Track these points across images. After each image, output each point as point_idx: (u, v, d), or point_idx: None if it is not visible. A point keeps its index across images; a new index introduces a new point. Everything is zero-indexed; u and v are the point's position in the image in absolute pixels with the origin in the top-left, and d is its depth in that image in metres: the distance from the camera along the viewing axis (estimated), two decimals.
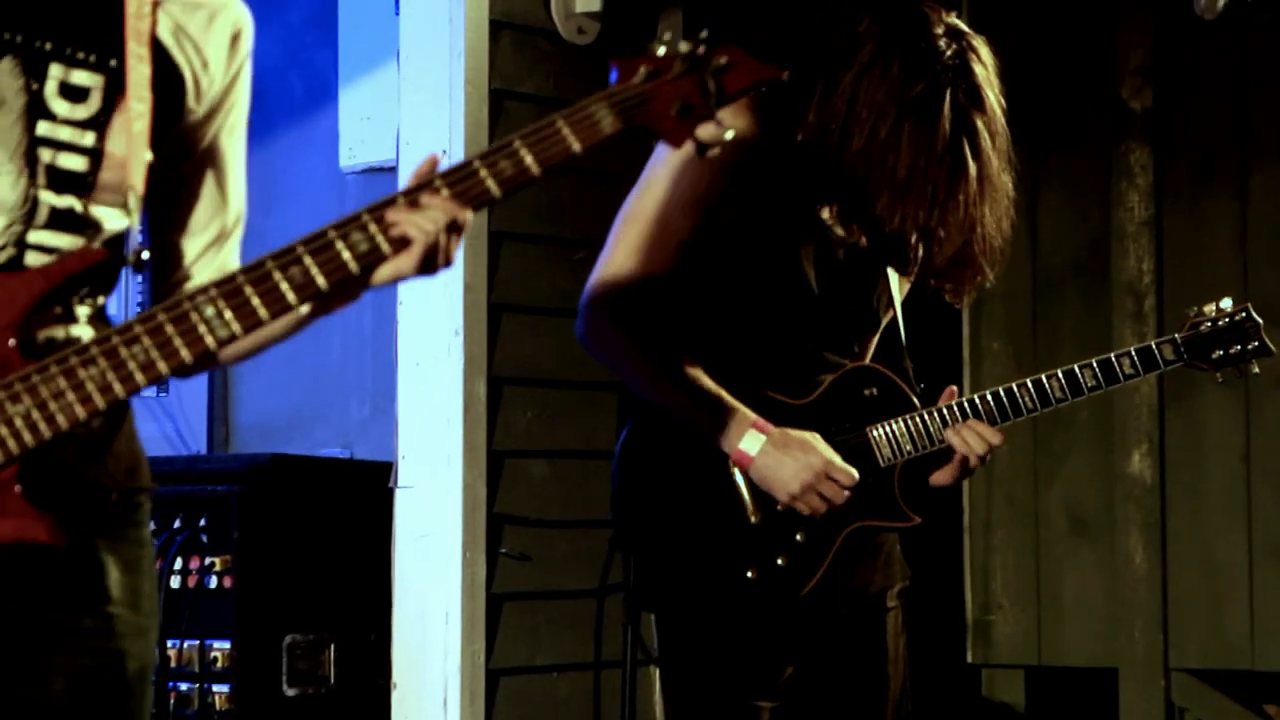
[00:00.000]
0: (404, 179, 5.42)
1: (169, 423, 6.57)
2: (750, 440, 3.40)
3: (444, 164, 2.50)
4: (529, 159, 2.41)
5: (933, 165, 3.42)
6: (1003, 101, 3.51)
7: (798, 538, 3.45)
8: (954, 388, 3.60)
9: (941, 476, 3.59)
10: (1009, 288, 6.17)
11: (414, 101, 5.43)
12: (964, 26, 3.52)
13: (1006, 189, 3.52)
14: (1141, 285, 6.12)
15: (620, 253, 3.47)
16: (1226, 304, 3.63)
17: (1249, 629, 5.99)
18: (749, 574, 3.43)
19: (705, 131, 2.41)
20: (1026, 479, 6.26)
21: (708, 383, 3.42)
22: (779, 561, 3.44)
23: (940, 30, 3.47)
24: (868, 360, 3.65)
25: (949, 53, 3.45)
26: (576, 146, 2.42)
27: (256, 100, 7.09)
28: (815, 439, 3.43)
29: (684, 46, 2.44)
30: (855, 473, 3.43)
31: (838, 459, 3.43)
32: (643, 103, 2.42)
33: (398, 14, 5.49)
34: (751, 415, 3.41)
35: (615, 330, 3.45)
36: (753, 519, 3.45)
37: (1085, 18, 6.28)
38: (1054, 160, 6.22)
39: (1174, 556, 6.07)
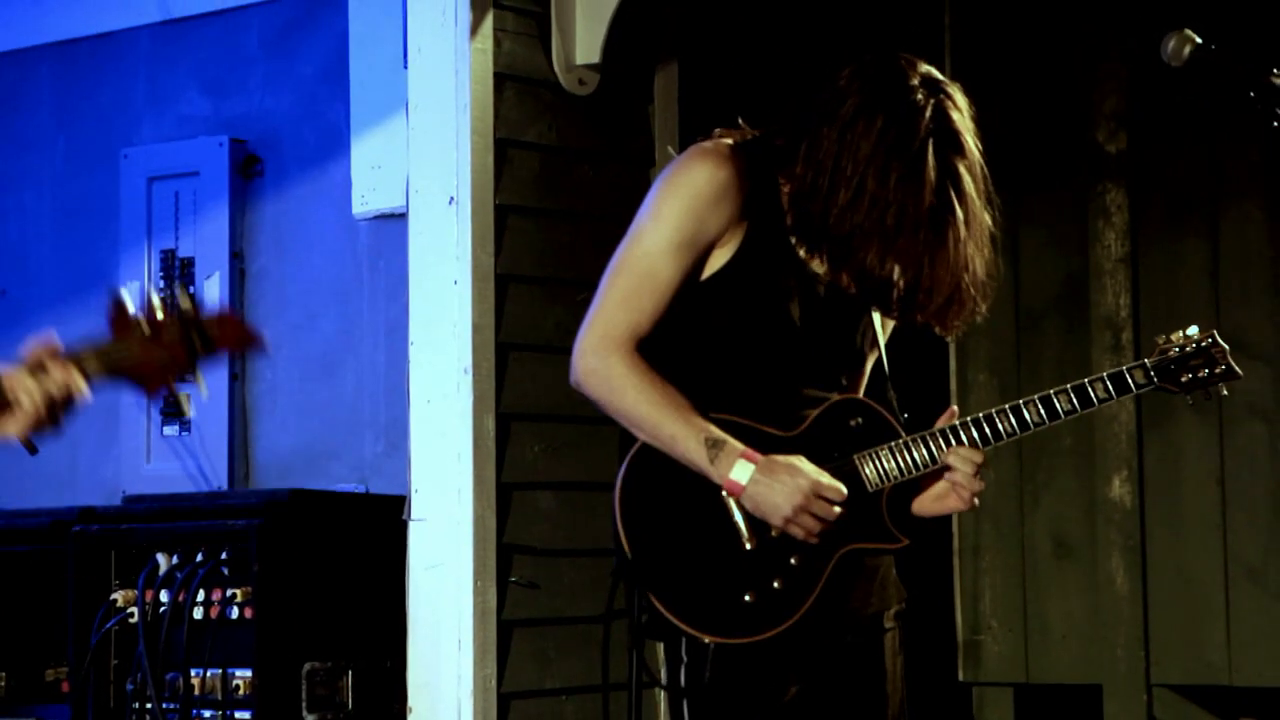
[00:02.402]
0: (413, 225, 5.44)
1: (191, 460, 6.55)
2: (740, 469, 3.41)
3: (453, 210, 2.54)
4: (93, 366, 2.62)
5: (921, 213, 3.41)
6: (979, 143, 3.51)
7: (792, 562, 3.44)
8: (954, 409, 3.60)
9: (925, 505, 3.58)
10: (992, 323, 6.15)
11: (422, 150, 5.43)
12: (938, 74, 3.52)
13: (989, 225, 3.52)
14: (1119, 319, 6.12)
15: (610, 301, 3.49)
16: (1193, 331, 3.63)
17: (1226, 646, 5.98)
18: (746, 598, 3.43)
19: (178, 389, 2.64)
20: (1012, 505, 6.26)
21: (696, 418, 3.43)
22: (774, 585, 3.44)
23: (917, 81, 3.47)
24: (859, 392, 3.65)
25: (929, 104, 3.45)
26: (84, 387, 2.63)
27: (272, 150, 7.11)
28: (801, 461, 3.43)
29: (185, 304, 2.60)
30: (844, 488, 3.43)
31: (825, 477, 3.43)
32: (130, 362, 2.61)
33: (406, 68, 5.49)
34: (740, 445, 3.42)
35: (607, 375, 3.46)
36: (748, 545, 3.44)
37: (1062, 66, 6.29)
38: (1033, 201, 6.22)
39: (1154, 577, 6.06)
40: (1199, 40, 3.50)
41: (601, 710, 5.50)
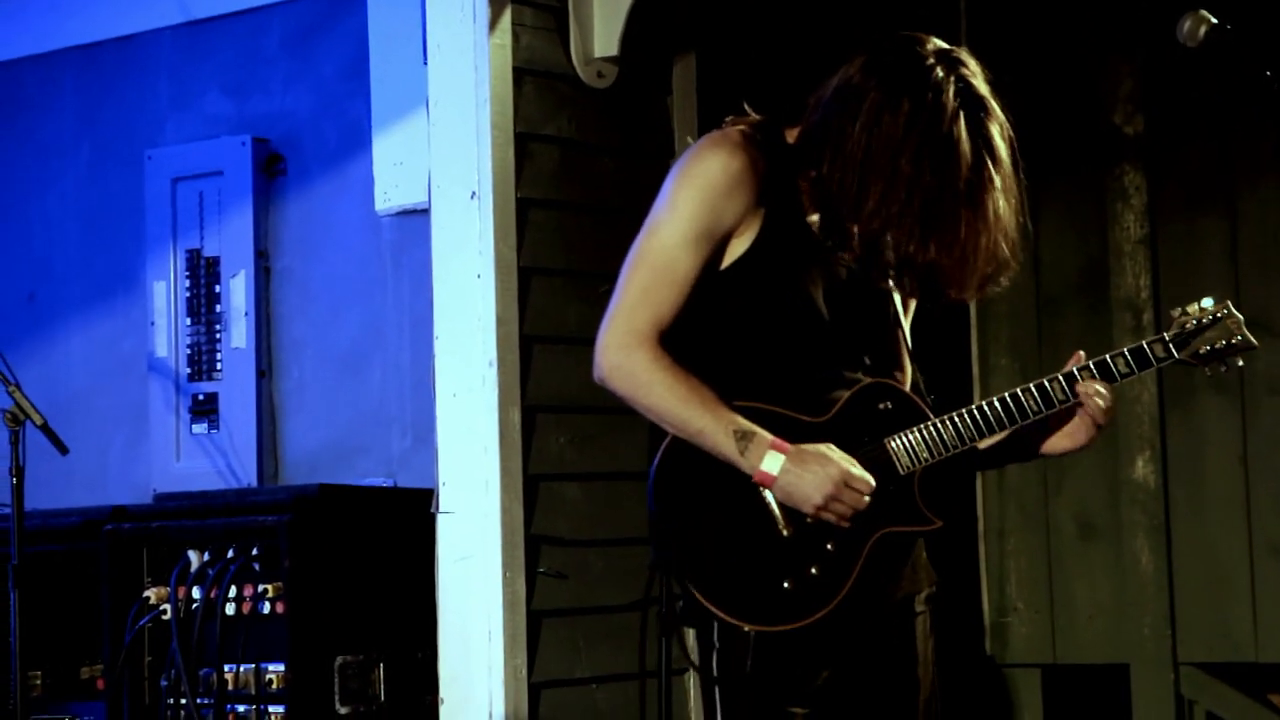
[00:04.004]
0: (436, 220, 5.43)
1: (221, 458, 6.56)
2: (770, 460, 3.39)
3: (474, 204, 2.46)
4: None
5: (959, 190, 3.38)
6: (999, 98, 3.47)
7: (828, 547, 3.44)
8: (1081, 353, 3.58)
9: (1057, 444, 3.62)
10: (1014, 306, 6.16)
11: (443, 146, 5.43)
12: (946, 45, 3.48)
13: (1019, 181, 3.48)
14: (1139, 300, 6.11)
15: (630, 295, 3.47)
16: (1208, 303, 3.61)
17: (1252, 623, 5.97)
18: (785, 585, 3.42)
19: None
20: (1036, 488, 6.25)
21: (724, 410, 3.41)
22: (812, 571, 3.43)
23: (932, 60, 3.43)
24: (904, 374, 3.63)
25: (950, 78, 3.41)
26: None
27: (294, 149, 7.12)
28: (831, 450, 3.42)
29: None
30: (871, 479, 3.42)
31: (854, 467, 3.42)
32: None
33: (426, 64, 5.49)
34: (769, 436, 3.40)
35: (632, 370, 3.44)
36: (784, 533, 3.43)
37: (1078, 49, 6.27)
38: (1052, 185, 6.20)
39: (1179, 557, 6.05)
40: (1214, 21, 3.49)
41: (635, 697, 5.52)
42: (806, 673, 3.49)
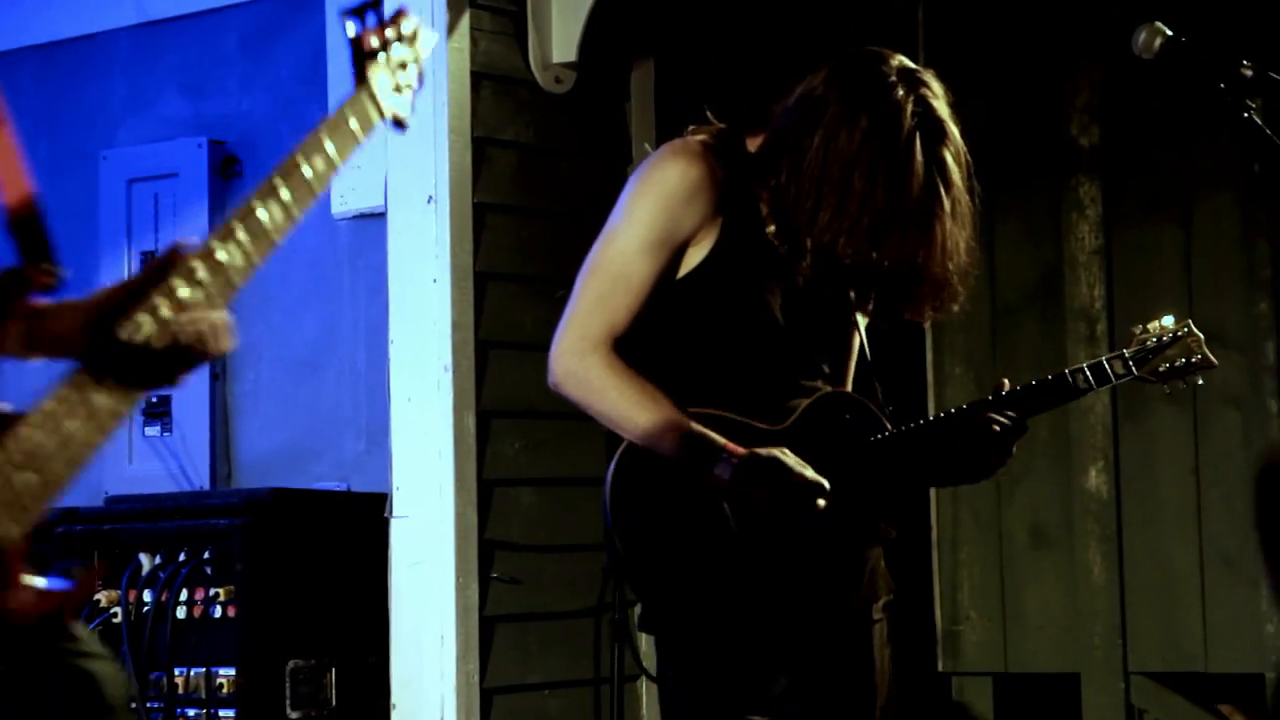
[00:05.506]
0: (392, 224, 5.42)
1: (173, 460, 6.53)
2: (723, 465, 3.39)
3: (431, 208, 2.49)
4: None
5: (909, 210, 3.39)
6: (958, 121, 3.49)
7: (780, 555, 3.43)
8: (1005, 380, 3.59)
9: (968, 466, 3.60)
10: (969, 316, 6.14)
11: (401, 150, 5.42)
12: (911, 64, 3.50)
13: (971, 207, 3.50)
14: (1093, 310, 6.12)
15: (585, 302, 3.47)
16: (1169, 321, 3.63)
17: (1202, 633, 5.98)
18: (737, 591, 3.42)
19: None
20: (990, 497, 6.25)
21: (678, 415, 3.41)
22: (764, 578, 3.43)
23: (895, 77, 3.44)
24: (847, 384, 3.64)
25: (910, 98, 3.42)
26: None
27: (250, 151, 7.08)
28: (784, 454, 3.41)
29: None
30: (826, 484, 3.42)
31: (808, 470, 3.42)
32: None
33: None
34: (721, 440, 3.40)
35: (586, 376, 3.44)
36: (737, 539, 3.43)
37: (1035, 60, 6.29)
38: (1008, 195, 6.21)
39: (1130, 567, 6.06)
40: (1169, 33, 3.50)
41: (587, 703, 5.51)
42: (764, 680, 3.48)
